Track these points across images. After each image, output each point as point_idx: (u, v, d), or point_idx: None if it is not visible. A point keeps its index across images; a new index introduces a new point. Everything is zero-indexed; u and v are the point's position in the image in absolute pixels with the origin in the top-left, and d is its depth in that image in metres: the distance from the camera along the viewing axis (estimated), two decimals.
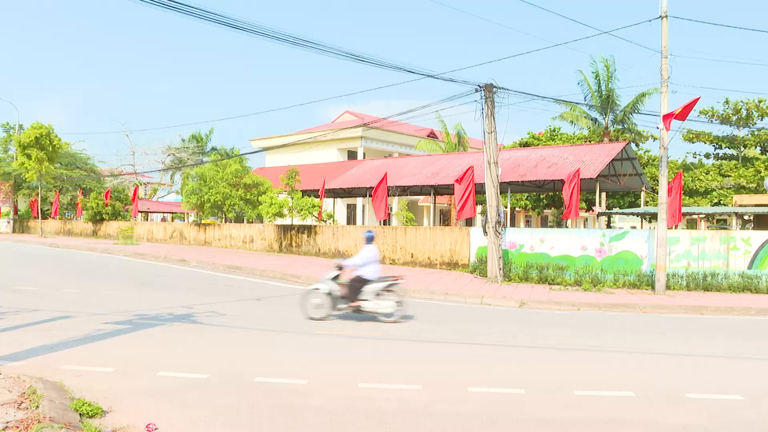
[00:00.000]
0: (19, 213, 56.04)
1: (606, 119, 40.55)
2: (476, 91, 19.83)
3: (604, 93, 39.30)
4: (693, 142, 47.31)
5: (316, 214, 29.51)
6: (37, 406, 5.94)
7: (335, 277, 12.83)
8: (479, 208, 33.47)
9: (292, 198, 30.08)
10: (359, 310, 12.55)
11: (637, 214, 30.58)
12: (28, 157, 43.86)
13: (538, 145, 42.63)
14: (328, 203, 45.14)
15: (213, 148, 65.46)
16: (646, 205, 34.77)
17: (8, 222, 55.18)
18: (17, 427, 5.39)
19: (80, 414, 6.09)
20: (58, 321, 11.65)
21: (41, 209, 48.88)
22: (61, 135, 46.03)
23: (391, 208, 42.14)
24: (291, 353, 9.47)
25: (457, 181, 21.38)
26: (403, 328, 11.98)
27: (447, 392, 7.44)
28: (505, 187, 27.99)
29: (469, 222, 39.59)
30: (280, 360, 8.97)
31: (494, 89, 19.70)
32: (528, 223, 59.37)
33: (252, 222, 37.92)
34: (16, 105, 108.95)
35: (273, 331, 11.42)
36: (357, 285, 12.61)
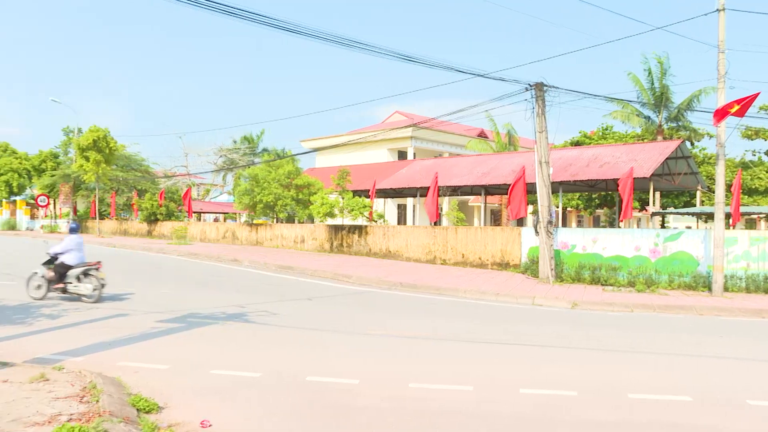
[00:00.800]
0: (78, 213, 57.45)
1: (660, 117, 39.75)
2: (526, 90, 19.68)
3: (657, 90, 38.56)
4: (752, 139, 45.92)
5: (366, 214, 29.59)
6: (98, 401, 6.14)
7: (48, 262, 14.49)
8: (530, 208, 33.21)
9: (343, 198, 30.22)
10: (65, 291, 14.16)
11: (693, 214, 29.97)
12: (87, 159, 44.92)
13: (589, 144, 41.98)
14: (378, 203, 45.24)
15: (264, 149, 66.06)
16: (702, 205, 33.99)
17: (68, 222, 56.57)
18: (80, 420, 5.57)
19: (137, 409, 6.27)
20: (114, 318, 11.93)
21: (99, 210, 50.04)
22: (116, 137, 47.00)
23: (442, 208, 42.05)
24: (342, 353, 9.51)
25: (513, 184, 21.26)
26: (449, 329, 11.96)
27: (498, 393, 7.39)
28: (556, 187, 27.61)
29: (521, 222, 39.23)
30: (331, 359, 9.02)
31: (545, 88, 19.52)
32: (580, 223, 58.62)
33: (303, 222, 38.21)
34: (76, 110, 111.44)
35: (324, 330, 11.49)
36: (61, 270, 14.25)
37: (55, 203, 60.81)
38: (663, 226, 41.79)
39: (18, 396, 6.30)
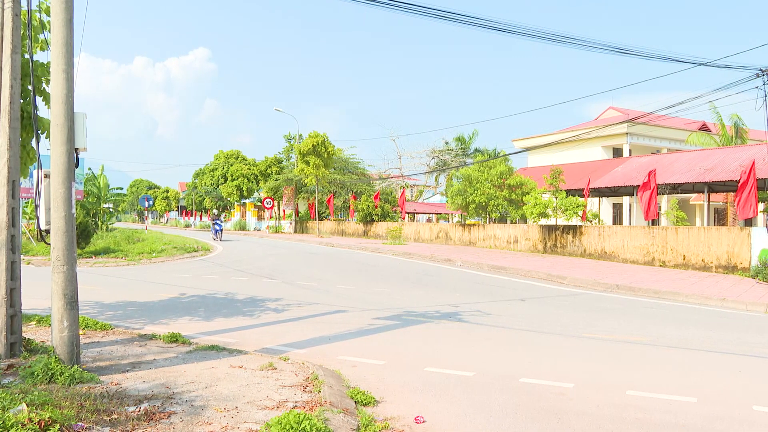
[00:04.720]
0: (299, 215, 61.04)
1: None
2: (757, 76, 18.31)
3: None
4: None
5: (580, 214, 28.90)
6: (319, 391, 6.56)
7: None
8: (761, 206, 30.76)
9: (557, 198, 29.72)
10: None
11: None
12: (307, 163, 47.78)
13: None
14: (592, 203, 43.95)
15: (476, 150, 66.40)
16: None
17: (291, 223, 60.31)
18: (304, 407, 6.00)
19: (355, 401, 6.58)
20: (333, 314, 12.55)
21: (318, 211, 52.89)
22: (334, 142, 49.59)
23: (661, 207, 40.04)
24: (556, 355, 9.34)
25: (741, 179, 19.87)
26: (669, 335, 11.34)
27: (726, 409, 6.77)
28: None
29: (749, 222, 36.43)
30: (544, 361, 8.89)
31: None
32: None
33: (515, 222, 37.99)
34: (296, 117, 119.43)
35: (537, 331, 11.35)
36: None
37: (279, 205, 65.13)
38: None
39: (251, 381, 6.93)
